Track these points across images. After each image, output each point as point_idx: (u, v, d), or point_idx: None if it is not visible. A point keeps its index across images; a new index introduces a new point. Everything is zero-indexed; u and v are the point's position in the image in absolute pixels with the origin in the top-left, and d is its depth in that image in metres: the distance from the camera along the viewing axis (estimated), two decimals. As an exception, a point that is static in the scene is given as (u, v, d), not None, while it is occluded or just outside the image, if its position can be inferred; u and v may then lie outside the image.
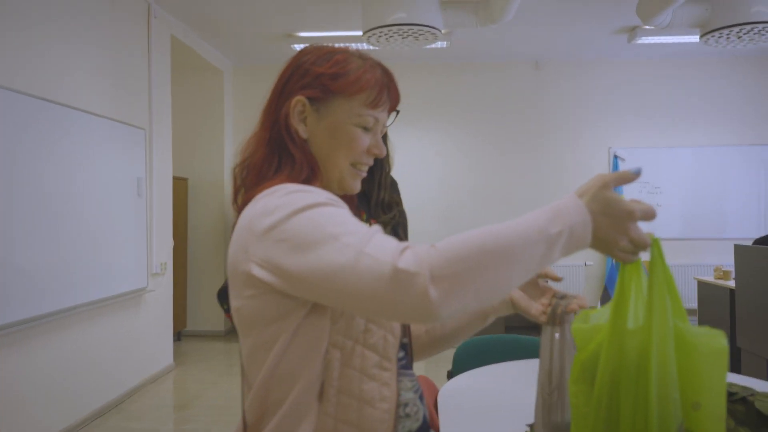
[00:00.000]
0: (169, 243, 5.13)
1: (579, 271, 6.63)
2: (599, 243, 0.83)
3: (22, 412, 3.24)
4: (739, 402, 1.32)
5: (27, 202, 3.21)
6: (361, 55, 1.06)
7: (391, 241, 0.81)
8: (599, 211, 0.82)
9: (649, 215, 0.82)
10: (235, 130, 6.76)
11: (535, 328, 6.34)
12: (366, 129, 1.04)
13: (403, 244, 0.80)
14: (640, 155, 6.73)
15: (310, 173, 1.01)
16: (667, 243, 5.55)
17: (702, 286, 5.44)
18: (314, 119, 1.02)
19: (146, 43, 4.70)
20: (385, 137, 1.72)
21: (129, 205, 4.33)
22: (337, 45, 1.07)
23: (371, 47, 4.96)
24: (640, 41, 5.74)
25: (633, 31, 5.62)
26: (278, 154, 1.02)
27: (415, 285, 0.74)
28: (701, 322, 5.45)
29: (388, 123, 1.68)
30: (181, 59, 5.85)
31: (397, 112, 1.73)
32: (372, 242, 0.80)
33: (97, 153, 3.86)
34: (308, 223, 0.85)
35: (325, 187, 1.03)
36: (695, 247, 6.69)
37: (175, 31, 5.20)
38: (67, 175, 3.56)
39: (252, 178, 1.02)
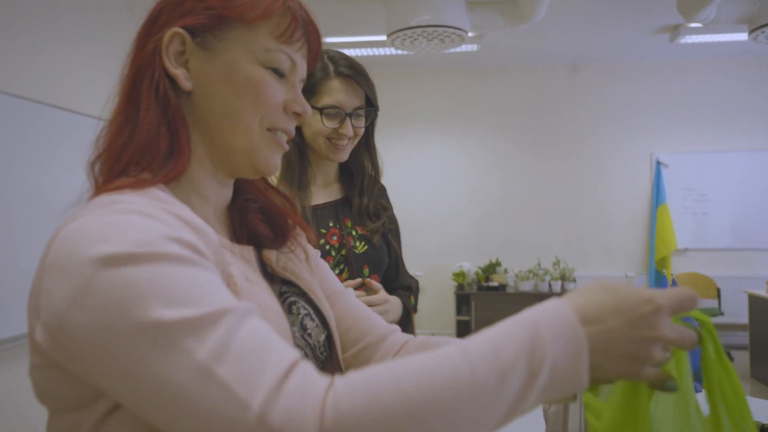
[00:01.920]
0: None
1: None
2: (606, 378, 0.56)
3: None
4: None
5: (27, 206, 3.18)
6: None
7: (270, 352, 0.52)
8: (608, 352, 0.54)
9: (687, 344, 0.57)
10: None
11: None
12: (278, 73, 0.73)
13: (288, 360, 0.52)
14: (686, 161, 6.38)
15: (170, 148, 0.68)
16: (715, 254, 5.27)
17: (753, 300, 5.10)
18: (200, 60, 0.70)
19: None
20: (370, 145, 1.62)
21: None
22: None
23: (397, 51, 4.82)
24: (683, 41, 5.44)
25: (675, 30, 5.33)
26: (131, 119, 0.69)
27: None
28: (752, 339, 5.10)
29: (363, 125, 1.50)
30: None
31: (375, 109, 1.51)
32: (232, 352, 0.50)
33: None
34: (131, 288, 0.52)
35: (232, 170, 0.75)
36: (746, 258, 6.29)
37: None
38: (67, 180, 3.51)
39: (107, 165, 0.69)
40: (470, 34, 4.64)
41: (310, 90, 1.44)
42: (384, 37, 4.63)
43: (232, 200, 0.81)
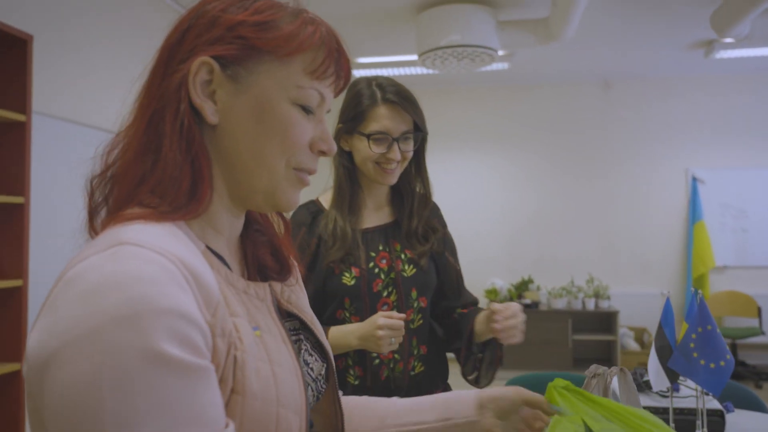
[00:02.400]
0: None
1: (656, 300, 6.21)
2: None
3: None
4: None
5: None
6: (296, 3, 0.72)
7: None
8: None
9: None
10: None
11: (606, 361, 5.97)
12: (307, 110, 0.70)
13: None
14: (722, 176, 6.27)
15: (192, 186, 0.65)
16: (756, 271, 5.18)
17: (795, 319, 4.96)
18: (229, 93, 0.67)
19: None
20: (421, 167, 1.61)
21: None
22: None
23: (428, 71, 4.87)
24: (718, 56, 5.38)
25: (710, 45, 5.27)
26: (152, 149, 0.64)
27: None
28: (795, 360, 4.95)
29: (411, 149, 1.52)
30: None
31: (423, 134, 1.54)
32: None
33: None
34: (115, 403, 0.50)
35: (252, 205, 0.72)
36: (789, 276, 6.14)
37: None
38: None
39: (119, 192, 0.66)
40: (500, 53, 4.69)
41: (359, 117, 1.49)
42: (415, 57, 4.71)
43: (242, 231, 0.79)
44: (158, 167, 0.63)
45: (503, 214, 6.58)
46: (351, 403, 0.95)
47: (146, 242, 0.56)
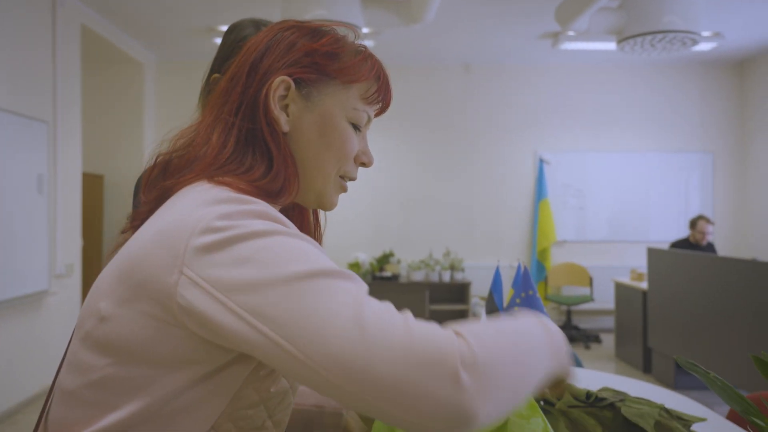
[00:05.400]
0: (78, 243, 4.88)
1: (504, 272, 6.70)
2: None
3: None
4: (607, 408, 1.31)
5: None
6: (356, 41, 0.86)
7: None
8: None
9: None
10: (157, 125, 6.51)
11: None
12: (357, 128, 0.84)
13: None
14: (566, 159, 6.86)
15: (286, 181, 0.77)
16: (591, 245, 5.72)
17: (619, 287, 5.59)
18: (300, 108, 0.79)
19: (51, 32, 4.45)
20: None
21: (27, 203, 4.08)
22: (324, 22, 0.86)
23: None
24: (563, 47, 5.84)
25: (556, 37, 5.71)
26: (250, 149, 0.77)
27: (449, 372, 0.58)
28: (618, 323, 5.59)
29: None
30: (96, 51, 5.58)
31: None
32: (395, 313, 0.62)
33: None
34: (287, 248, 0.64)
35: (301, 200, 0.85)
36: (618, 249, 6.87)
37: (86, 21, 4.95)
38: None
39: (202, 166, 0.76)
40: (365, 30, 4.76)
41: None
42: (280, 29, 4.64)
43: None
44: (263, 162, 0.77)
45: (368, 191, 6.73)
46: None
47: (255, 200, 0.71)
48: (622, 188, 6.86)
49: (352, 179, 0.87)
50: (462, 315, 6.44)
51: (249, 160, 0.76)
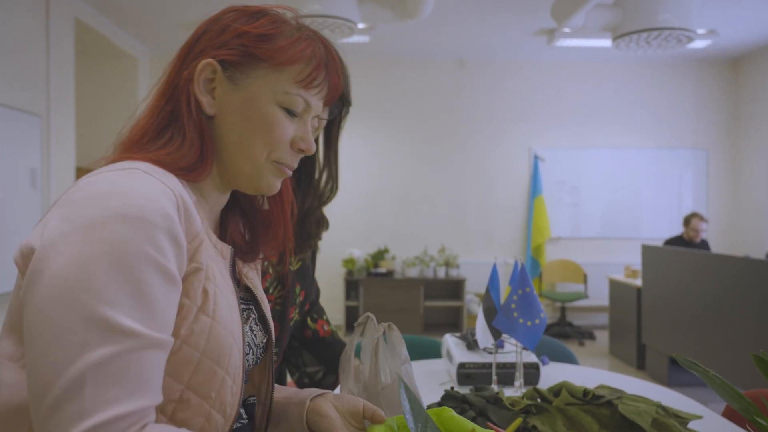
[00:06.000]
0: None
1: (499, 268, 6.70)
2: None
3: None
4: (604, 405, 1.31)
5: None
6: (298, 23, 0.84)
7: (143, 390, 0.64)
8: None
9: None
10: (151, 120, 6.46)
11: (448, 326, 6.37)
12: (291, 113, 0.81)
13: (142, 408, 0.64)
14: (560, 156, 6.86)
15: (199, 159, 0.78)
16: (585, 242, 5.73)
17: (613, 284, 5.59)
18: (226, 91, 0.79)
19: (45, 25, 4.41)
20: (333, 151, 1.44)
21: (21, 197, 4.05)
22: (269, 5, 0.84)
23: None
24: (558, 44, 5.84)
25: (551, 34, 5.71)
26: (170, 127, 0.79)
27: None
28: (612, 320, 5.60)
29: (326, 116, 1.40)
30: (90, 44, 5.54)
31: (346, 105, 1.48)
32: (114, 373, 0.62)
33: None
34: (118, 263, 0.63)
35: (235, 185, 0.84)
36: (612, 246, 6.88)
37: (79, 14, 4.91)
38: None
39: (126, 146, 0.79)
40: (360, 26, 4.75)
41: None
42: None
43: (228, 204, 0.91)
44: (177, 140, 0.78)
45: (363, 187, 6.72)
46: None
47: (155, 174, 0.71)
48: (616, 185, 6.88)
49: (290, 166, 0.84)
50: (457, 311, 6.44)
51: (164, 139, 0.77)
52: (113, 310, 0.61)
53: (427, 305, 6.28)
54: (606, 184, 6.88)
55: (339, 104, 1.39)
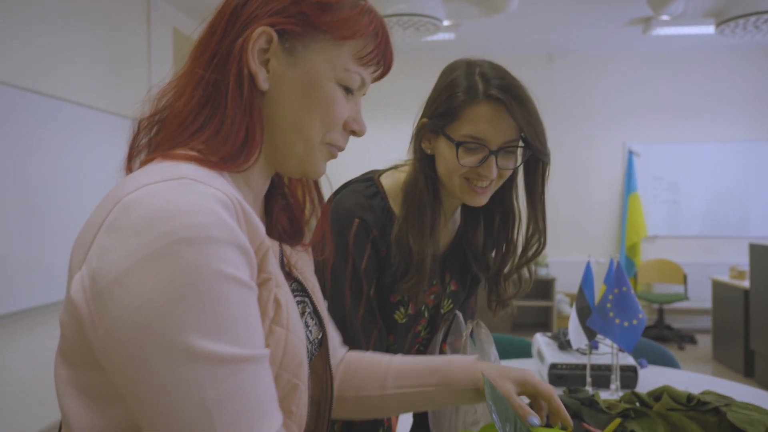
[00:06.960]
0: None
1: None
2: None
3: None
4: (710, 413, 1.23)
5: (8, 194, 3.20)
6: None
7: (263, 418, 0.59)
8: None
9: None
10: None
11: (539, 326, 6.22)
12: (348, 91, 0.74)
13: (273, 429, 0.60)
14: (657, 151, 6.53)
15: (243, 144, 0.68)
16: (684, 241, 5.43)
17: (717, 286, 5.27)
18: (281, 64, 0.70)
19: (146, 36, 4.68)
20: (536, 193, 1.29)
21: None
22: None
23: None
24: (655, 33, 5.56)
25: (647, 23, 5.44)
26: (211, 103, 0.68)
27: None
28: (715, 324, 5.28)
29: (509, 165, 1.20)
30: (187, 53, 5.83)
31: (533, 149, 1.25)
32: (234, 405, 0.57)
33: (89, 145, 3.83)
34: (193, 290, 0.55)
35: (282, 168, 0.76)
36: (715, 245, 6.48)
37: (178, 24, 5.18)
38: (53, 168, 3.53)
39: (167, 135, 0.69)
40: (446, 23, 4.72)
41: (450, 114, 1.12)
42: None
43: (268, 192, 0.83)
44: (216, 121, 0.67)
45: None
46: (353, 363, 0.99)
47: (205, 179, 0.60)
48: (719, 180, 6.45)
49: (341, 149, 0.77)
50: (546, 311, 6.27)
51: (200, 121, 0.68)
52: (209, 341, 0.55)
53: (516, 304, 6.14)
54: (708, 179, 6.47)
55: (526, 151, 1.20)
